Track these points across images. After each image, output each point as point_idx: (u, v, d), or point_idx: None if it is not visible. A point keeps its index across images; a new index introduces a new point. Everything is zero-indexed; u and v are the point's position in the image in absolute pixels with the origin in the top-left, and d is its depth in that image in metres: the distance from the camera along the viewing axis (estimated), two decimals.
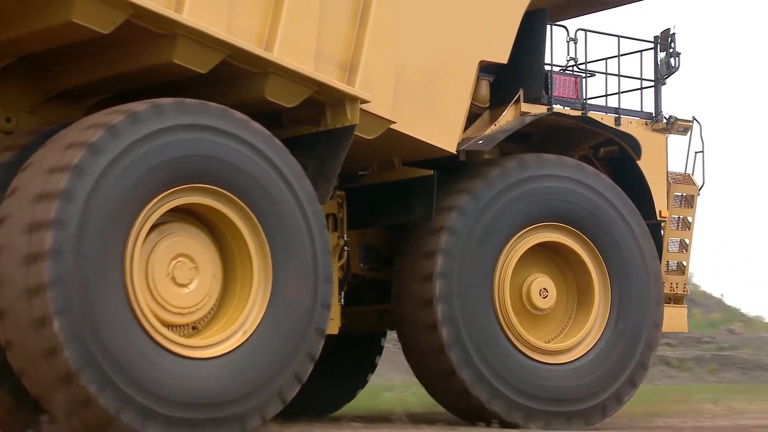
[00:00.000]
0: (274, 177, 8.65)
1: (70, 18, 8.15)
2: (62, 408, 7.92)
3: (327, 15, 9.23)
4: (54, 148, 8.20)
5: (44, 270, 7.72)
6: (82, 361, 7.72)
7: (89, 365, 7.74)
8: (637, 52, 11.67)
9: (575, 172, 10.54)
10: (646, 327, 10.78)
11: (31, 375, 7.95)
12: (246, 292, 8.60)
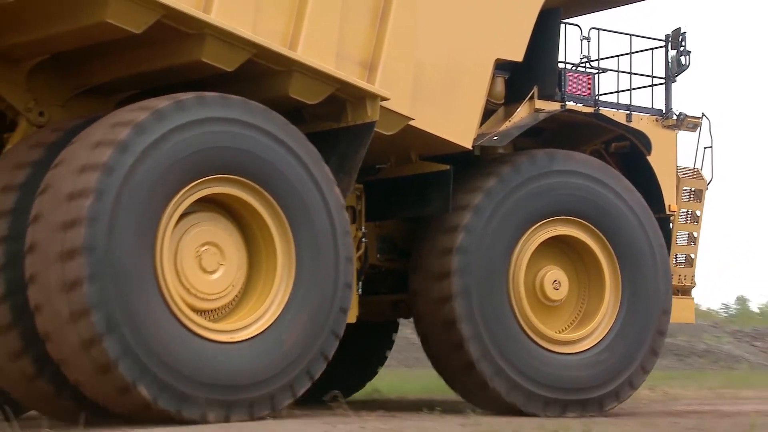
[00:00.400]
0: (294, 164, 8.96)
1: (104, 18, 8.46)
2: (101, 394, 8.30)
3: (348, 15, 9.53)
4: (83, 146, 8.50)
5: (79, 265, 8.06)
6: (119, 351, 8.06)
7: (126, 354, 8.09)
8: (648, 50, 11.96)
9: (586, 167, 10.83)
10: (655, 316, 11.07)
11: (70, 364, 8.29)
12: (271, 277, 8.92)
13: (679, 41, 11.84)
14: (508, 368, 10.20)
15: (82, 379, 8.37)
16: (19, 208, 8.73)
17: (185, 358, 8.36)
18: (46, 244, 8.26)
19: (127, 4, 8.45)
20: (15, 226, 8.68)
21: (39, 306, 8.30)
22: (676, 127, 11.91)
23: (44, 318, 8.31)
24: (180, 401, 8.31)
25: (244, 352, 8.66)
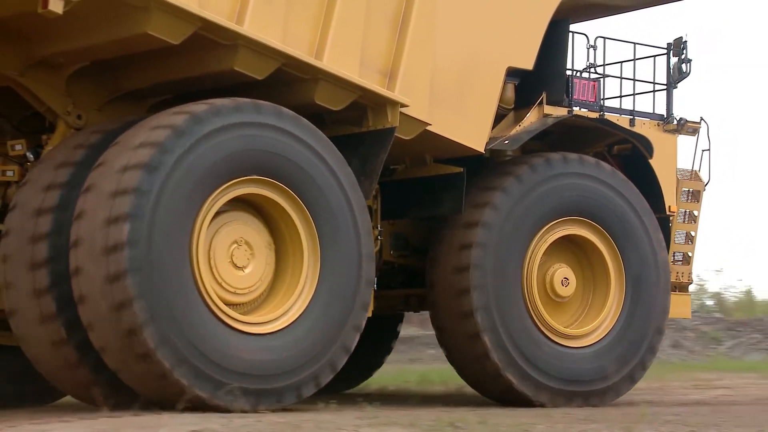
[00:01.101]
0: (320, 167, 9.51)
1: (145, 30, 9.01)
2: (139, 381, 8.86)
3: (370, 24, 10.07)
4: (125, 148, 9.06)
5: (122, 259, 8.62)
6: (158, 340, 8.63)
7: (164, 343, 8.65)
8: (651, 57, 12.53)
9: (595, 170, 11.40)
10: (655, 313, 11.66)
11: (111, 352, 8.85)
12: (297, 273, 9.47)
13: (680, 49, 12.39)
14: (520, 359, 10.77)
15: (121, 367, 8.92)
16: (62, 205, 9.26)
17: (219, 349, 8.92)
18: (91, 239, 8.81)
19: (167, 16, 8.99)
20: (59, 221, 9.22)
21: (83, 297, 8.85)
22: (677, 131, 12.47)
23: (86, 309, 8.87)
24: (214, 389, 8.86)
25: (272, 344, 9.21)
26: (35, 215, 9.31)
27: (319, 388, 9.49)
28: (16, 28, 9.43)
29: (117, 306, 8.62)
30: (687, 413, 9.97)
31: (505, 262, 10.79)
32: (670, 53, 12.49)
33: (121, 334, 8.67)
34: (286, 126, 9.38)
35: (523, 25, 11.17)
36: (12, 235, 9.45)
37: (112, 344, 8.78)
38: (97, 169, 9.08)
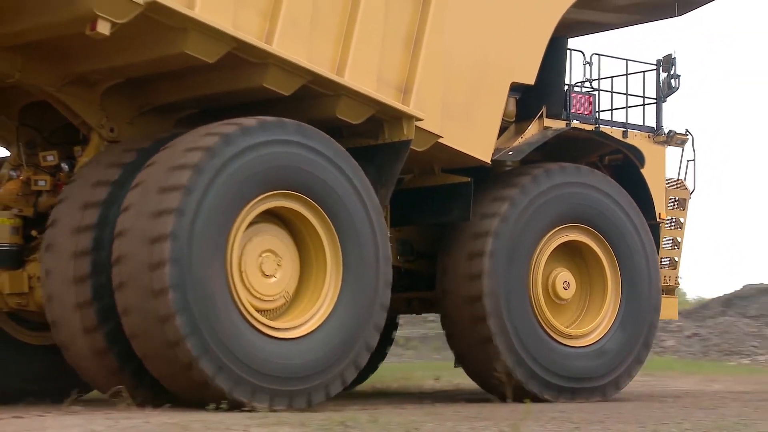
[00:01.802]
0: (341, 179, 10.14)
1: (183, 50, 9.61)
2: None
3: (386, 42, 10.71)
4: (161, 169, 9.59)
5: (163, 274, 9.21)
6: (190, 327, 9.23)
7: (194, 332, 9.24)
8: (641, 73, 13.26)
9: (592, 179, 12.10)
10: (649, 312, 12.38)
11: (153, 361, 9.50)
12: (321, 279, 10.09)
13: (669, 65, 13.12)
14: (528, 360, 11.44)
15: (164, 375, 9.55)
16: (100, 223, 9.85)
17: (254, 354, 9.54)
18: (133, 255, 9.40)
19: (203, 37, 9.60)
20: (98, 238, 9.82)
21: (123, 283, 9.44)
22: (666, 143, 13.22)
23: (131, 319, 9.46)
24: (251, 393, 9.48)
25: (301, 348, 9.83)
26: (75, 232, 9.89)
27: (345, 385, 10.12)
28: (56, 47, 10.01)
29: (161, 319, 9.21)
30: (572, 410, 10.20)
31: (514, 269, 11.46)
32: (659, 69, 13.22)
33: (164, 344, 9.28)
34: (309, 142, 10.00)
35: (525, 43, 11.85)
36: (53, 251, 10.03)
37: (149, 329, 9.36)
38: (135, 189, 9.64)
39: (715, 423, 9.02)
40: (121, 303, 9.52)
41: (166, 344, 9.29)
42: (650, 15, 13.82)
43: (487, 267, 11.31)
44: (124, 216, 9.60)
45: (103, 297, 9.74)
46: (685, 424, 8.95)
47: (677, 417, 9.64)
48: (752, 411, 10.41)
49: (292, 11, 10.04)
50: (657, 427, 8.61)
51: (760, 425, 8.82)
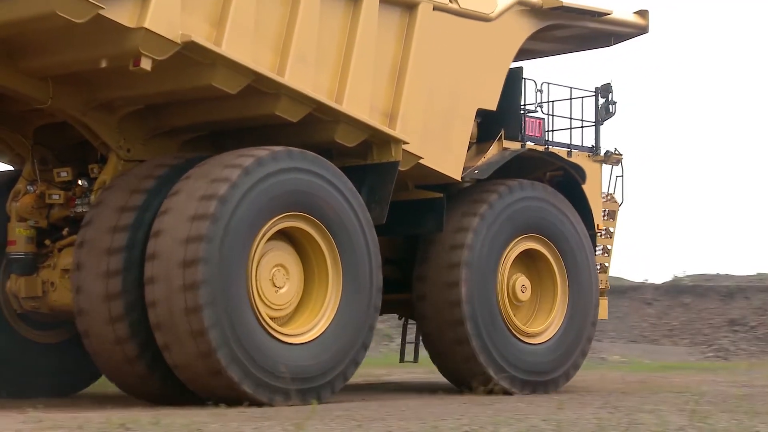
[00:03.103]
0: (341, 200, 11.41)
1: (211, 82, 10.79)
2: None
3: (376, 76, 12.04)
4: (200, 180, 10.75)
5: (197, 272, 10.39)
6: (229, 360, 10.43)
7: (234, 362, 10.45)
8: (581, 99, 14.78)
9: (545, 194, 13.56)
10: (590, 311, 13.91)
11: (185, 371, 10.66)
12: (324, 289, 11.34)
13: (607, 92, 14.68)
14: (499, 357, 12.86)
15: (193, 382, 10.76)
16: (135, 224, 10.94)
17: (273, 359, 10.76)
18: (168, 254, 10.53)
19: (229, 71, 10.80)
20: (132, 238, 10.91)
21: (155, 280, 10.55)
22: (603, 161, 14.78)
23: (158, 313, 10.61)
24: (270, 393, 10.72)
25: (309, 351, 11.08)
26: (111, 231, 10.97)
27: (347, 381, 11.41)
28: (86, 77, 11.09)
29: (194, 334, 10.38)
30: (356, 408, 10.46)
31: (486, 276, 12.86)
32: (597, 96, 14.78)
33: (198, 355, 10.45)
34: (315, 168, 11.26)
35: (489, 74, 13.28)
36: (86, 247, 11.09)
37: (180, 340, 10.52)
38: (174, 196, 10.79)
39: (492, 418, 9.38)
40: (149, 296, 10.60)
41: (194, 352, 10.47)
42: (587, 45, 15.35)
43: (464, 276, 12.68)
44: (161, 219, 10.71)
45: (130, 291, 10.81)
46: (463, 419, 9.31)
47: (456, 413, 10.00)
48: (525, 405, 10.95)
49: (300, 48, 11.30)
50: (437, 423, 8.93)
51: (532, 419, 9.28)
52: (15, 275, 12.21)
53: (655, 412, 10.00)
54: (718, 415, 9.84)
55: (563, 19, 14.09)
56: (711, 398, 11.95)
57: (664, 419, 9.30)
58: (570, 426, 8.77)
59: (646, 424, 8.99)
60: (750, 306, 30.00)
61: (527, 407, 10.71)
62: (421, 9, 12.39)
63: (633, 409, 10.41)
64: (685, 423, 9.11)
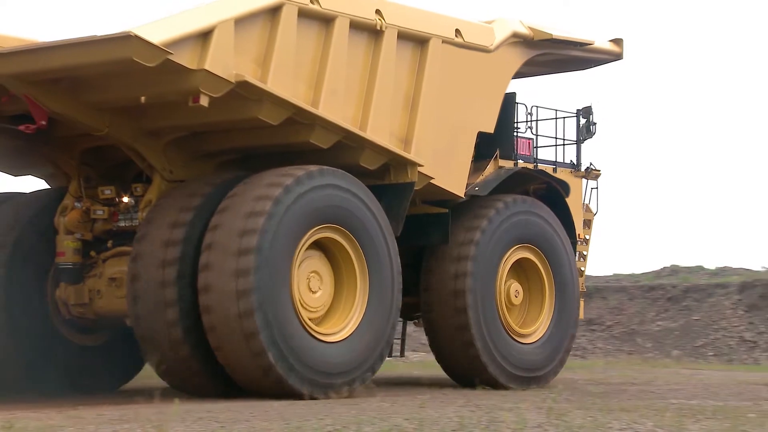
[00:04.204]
0: (368, 214, 12.76)
1: (257, 116, 12.09)
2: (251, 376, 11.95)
3: (393, 105, 13.43)
4: (246, 199, 12.00)
5: (248, 281, 11.69)
6: (276, 356, 11.73)
7: (282, 358, 11.75)
8: (563, 119, 16.27)
9: (535, 207, 15.02)
10: (574, 312, 15.42)
11: (236, 368, 11.92)
12: (352, 293, 12.67)
13: (588, 114, 16.19)
14: (499, 357, 14.31)
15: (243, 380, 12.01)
16: (186, 239, 12.17)
17: (313, 356, 12.09)
18: (221, 264, 11.78)
19: (273, 105, 12.11)
20: (184, 251, 12.15)
21: (209, 286, 11.78)
22: (584, 177, 16.30)
23: (212, 316, 11.88)
24: (311, 387, 12.03)
25: (342, 349, 12.44)
26: (164, 245, 12.20)
27: (374, 374, 12.79)
28: (142, 108, 12.32)
29: (246, 336, 11.64)
30: (219, 410, 10.50)
31: (487, 285, 14.30)
32: (578, 117, 16.28)
33: (249, 354, 11.72)
34: (350, 187, 12.63)
35: (488, 100, 14.70)
36: (141, 260, 12.32)
37: (227, 326, 11.74)
38: (222, 213, 12.05)
39: (355, 418, 9.57)
40: (204, 302, 11.85)
41: (246, 354, 11.76)
42: (566, 68, 16.84)
43: (469, 285, 14.10)
44: (213, 234, 11.96)
45: (184, 298, 12.07)
46: (327, 419, 9.48)
47: (320, 413, 10.18)
48: (389, 405, 11.15)
49: (332, 82, 12.65)
50: (301, 424, 9.04)
51: (395, 418, 9.47)
52: (64, 284, 13.43)
53: (514, 410, 10.36)
54: (574, 412, 10.29)
55: (551, 48, 15.54)
56: (568, 396, 12.65)
57: (522, 417, 9.60)
58: (432, 424, 9.03)
59: (505, 421, 9.29)
60: (606, 306, 31.32)
61: (390, 407, 10.96)
62: (431, 43, 13.78)
63: (493, 407, 10.76)
64: (542, 420, 9.43)
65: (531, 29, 15.19)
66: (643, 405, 11.61)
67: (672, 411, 10.86)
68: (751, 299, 28.18)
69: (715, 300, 30.42)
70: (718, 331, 29.19)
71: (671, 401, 12.48)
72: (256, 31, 12.04)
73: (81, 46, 11.22)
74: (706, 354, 28.17)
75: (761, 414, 10.85)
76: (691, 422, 9.79)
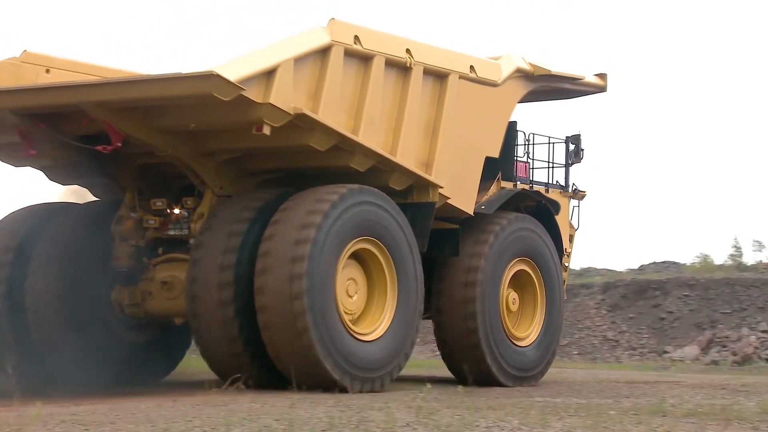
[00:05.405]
0: (397, 228, 14.47)
1: (308, 143, 13.76)
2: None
3: (417, 133, 15.16)
4: (298, 213, 13.60)
5: (300, 288, 13.32)
6: (324, 353, 13.37)
7: (328, 355, 13.37)
8: (552, 144, 18.12)
9: (531, 224, 16.84)
10: (560, 318, 17.29)
11: (286, 363, 13.47)
12: (383, 297, 14.34)
13: (577, 141, 18.05)
14: (500, 358, 16.09)
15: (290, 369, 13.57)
16: (241, 246, 13.74)
17: (352, 353, 13.76)
18: (275, 270, 13.34)
19: (323, 134, 13.79)
20: (239, 258, 13.72)
21: (264, 287, 13.38)
22: (572, 197, 18.17)
23: (267, 315, 13.48)
24: (351, 381, 13.67)
25: (375, 348, 14.12)
26: (222, 252, 13.79)
27: (400, 371, 14.51)
28: (202, 132, 13.92)
29: (298, 334, 13.23)
30: (84, 412, 10.34)
31: (492, 293, 16.08)
32: (567, 143, 18.14)
33: (299, 350, 13.32)
34: (381, 202, 14.33)
35: (495, 128, 16.49)
36: (200, 265, 13.88)
37: (280, 321, 13.31)
38: (275, 225, 13.64)
39: (225, 419, 9.58)
40: (259, 302, 13.40)
41: (300, 349, 13.38)
42: (552, 97, 18.69)
43: (478, 293, 15.87)
44: (267, 244, 13.53)
45: (239, 299, 13.63)
46: (195, 421, 9.45)
47: (188, 414, 10.10)
48: (259, 406, 11.23)
49: (369, 113, 14.36)
50: (168, 426, 8.96)
51: (265, 419, 9.65)
52: (119, 286, 14.99)
53: (384, 410, 10.54)
54: (442, 411, 10.59)
55: (548, 82, 17.37)
56: (437, 395, 13.08)
57: (392, 416, 9.79)
58: (302, 425, 9.13)
59: (375, 421, 9.48)
60: None
61: (261, 407, 11.03)
62: (450, 78, 15.53)
63: (363, 407, 10.96)
64: (411, 419, 9.67)
65: (532, 65, 17.00)
66: (510, 403, 12.12)
67: (537, 409, 11.32)
68: (613, 299, 29.26)
69: (580, 300, 31.90)
70: (583, 330, 30.58)
71: (536, 399, 13.16)
72: (309, 68, 13.69)
73: (167, 81, 12.83)
74: (571, 353, 29.50)
75: (621, 411, 11.38)
76: (555, 420, 10.13)
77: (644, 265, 36.79)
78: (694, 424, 10.41)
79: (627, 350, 28.12)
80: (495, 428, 9.46)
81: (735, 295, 28.70)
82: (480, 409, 10.95)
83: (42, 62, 15.36)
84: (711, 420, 10.72)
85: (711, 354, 25.95)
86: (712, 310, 28.53)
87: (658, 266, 35.86)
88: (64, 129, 13.98)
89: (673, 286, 29.47)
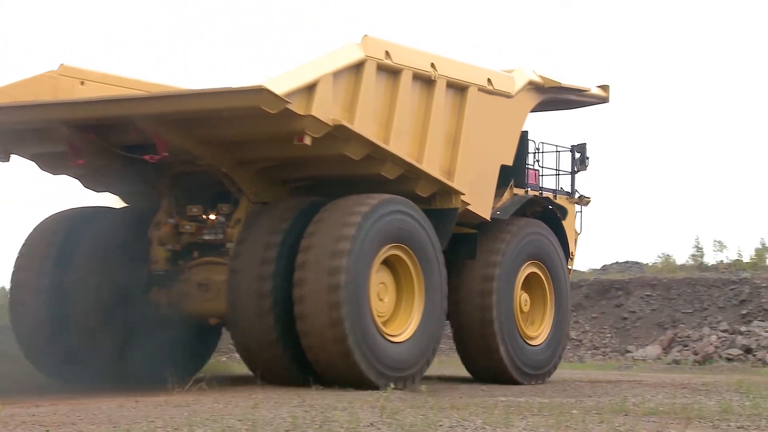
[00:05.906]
0: (424, 234, 15.26)
1: (344, 152, 14.55)
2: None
3: (440, 142, 15.99)
4: (332, 225, 14.33)
5: (338, 289, 14.10)
6: (359, 354, 14.14)
7: (362, 355, 14.17)
8: (558, 152, 19.01)
9: (542, 228, 17.72)
10: (567, 318, 18.19)
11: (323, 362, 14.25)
12: (411, 300, 15.12)
13: (583, 150, 18.95)
14: (515, 358, 16.95)
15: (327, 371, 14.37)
16: (278, 257, 14.47)
17: (383, 353, 14.51)
18: (313, 281, 14.16)
19: (358, 144, 14.59)
20: (277, 268, 14.52)
21: (303, 314, 14.19)
22: (578, 203, 19.07)
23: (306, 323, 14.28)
24: (381, 378, 14.44)
25: (405, 347, 14.88)
26: (260, 264, 14.56)
27: (427, 368, 15.33)
28: (240, 141, 14.68)
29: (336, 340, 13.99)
30: (45, 413, 10.23)
31: (508, 296, 16.93)
32: (573, 152, 19.04)
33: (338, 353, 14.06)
34: (410, 211, 15.13)
35: (509, 137, 17.35)
36: (238, 275, 14.65)
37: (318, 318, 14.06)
38: (311, 237, 14.39)
39: (187, 419, 9.53)
40: (299, 312, 14.15)
41: (336, 354, 14.13)
42: (555, 107, 19.56)
43: (494, 287, 16.69)
44: (304, 254, 14.27)
45: (275, 309, 14.38)
46: (158, 422, 9.42)
47: (151, 415, 10.01)
48: (222, 406, 11.28)
49: (398, 124, 15.17)
50: (130, 427, 8.94)
51: (228, 419, 9.64)
52: (157, 288, 15.72)
53: (348, 410, 10.60)
54: (406, 410, 10.73)
55: (555, 93, 18.26)
56: (401, 395, 13.22)
57: (356, 416, 9.83)
58: (265, 425, 9.12)
59: (338, 421, 9.55)
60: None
61: (224, 408, 11.02)
62: (470, 90, 16.36)
63: (327, 407, 10.98)
64: (375, 419, 9.74)
65: (542, 78, 17.88)
66: (473, 402, 12.27)
67: (500, 408, 11.53)
68: (576, 299, 29.61)
69: None
70: None
71: (500, 399, 13.36)
72: (345, 82, 14.48)
73: (217, 95, 13.60)
74: None
75: (583, 410, 11.61)
76: (518, 419, 10.34)
77: (607, 265, 37.27)
78: (656, 423, 10.61)
79: (590, 350, 28.65)
80: (458, 428, 9.59)
81: (696, 294, 29.16)
82: (444, 409, 11.12)
83: (78, 75, 16.14)
84: (672, 419, 10.95)
85: (672, 353, 26.63)
86: (674, 309, 28.95)
87: (621, 266, 36.34)
88: (111, 139, 14.71)
89: (636, 286, 30.02)
